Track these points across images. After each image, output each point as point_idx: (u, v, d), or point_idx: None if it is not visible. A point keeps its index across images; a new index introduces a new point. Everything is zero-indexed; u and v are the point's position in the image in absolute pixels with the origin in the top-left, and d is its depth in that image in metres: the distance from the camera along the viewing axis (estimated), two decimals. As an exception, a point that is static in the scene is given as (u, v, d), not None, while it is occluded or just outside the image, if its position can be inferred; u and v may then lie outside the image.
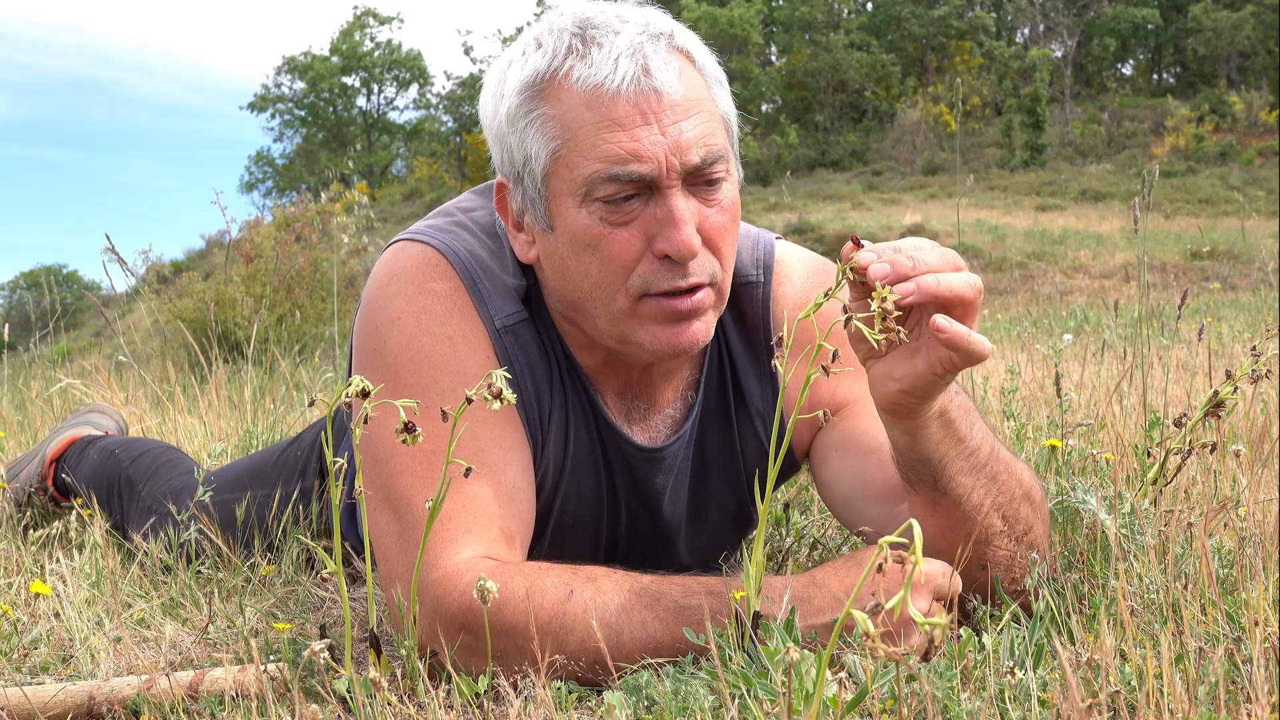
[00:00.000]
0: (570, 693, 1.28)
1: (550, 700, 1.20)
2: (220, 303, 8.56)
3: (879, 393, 1.31)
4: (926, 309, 1.24)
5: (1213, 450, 1.75)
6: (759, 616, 1.24)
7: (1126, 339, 4.59)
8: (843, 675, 1.05)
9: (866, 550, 1.40)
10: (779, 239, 1.68)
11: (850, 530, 1.63)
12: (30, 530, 2.39)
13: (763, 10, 53.06)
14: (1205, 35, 49.26)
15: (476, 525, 1.40)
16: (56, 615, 1.77)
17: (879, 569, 0.90)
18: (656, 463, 1.62)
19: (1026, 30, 56.82)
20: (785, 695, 1.07)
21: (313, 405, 1.40)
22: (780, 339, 1.20)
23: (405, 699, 1.28)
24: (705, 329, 1.46)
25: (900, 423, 1.34)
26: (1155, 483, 1.76)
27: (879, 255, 1.22)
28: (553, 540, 1.62)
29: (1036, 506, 1.45)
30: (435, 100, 63.12)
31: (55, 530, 2.27)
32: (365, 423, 1.21)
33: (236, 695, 1.34)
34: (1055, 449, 2.11)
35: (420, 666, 1.30)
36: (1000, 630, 1.30)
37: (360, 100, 63.07)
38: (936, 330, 1.21)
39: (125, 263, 3.96)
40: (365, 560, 1.42)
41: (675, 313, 1.43)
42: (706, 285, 1.43)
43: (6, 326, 4.63)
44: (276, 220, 11.27)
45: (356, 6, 63.12)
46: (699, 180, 1.41)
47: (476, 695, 1.30)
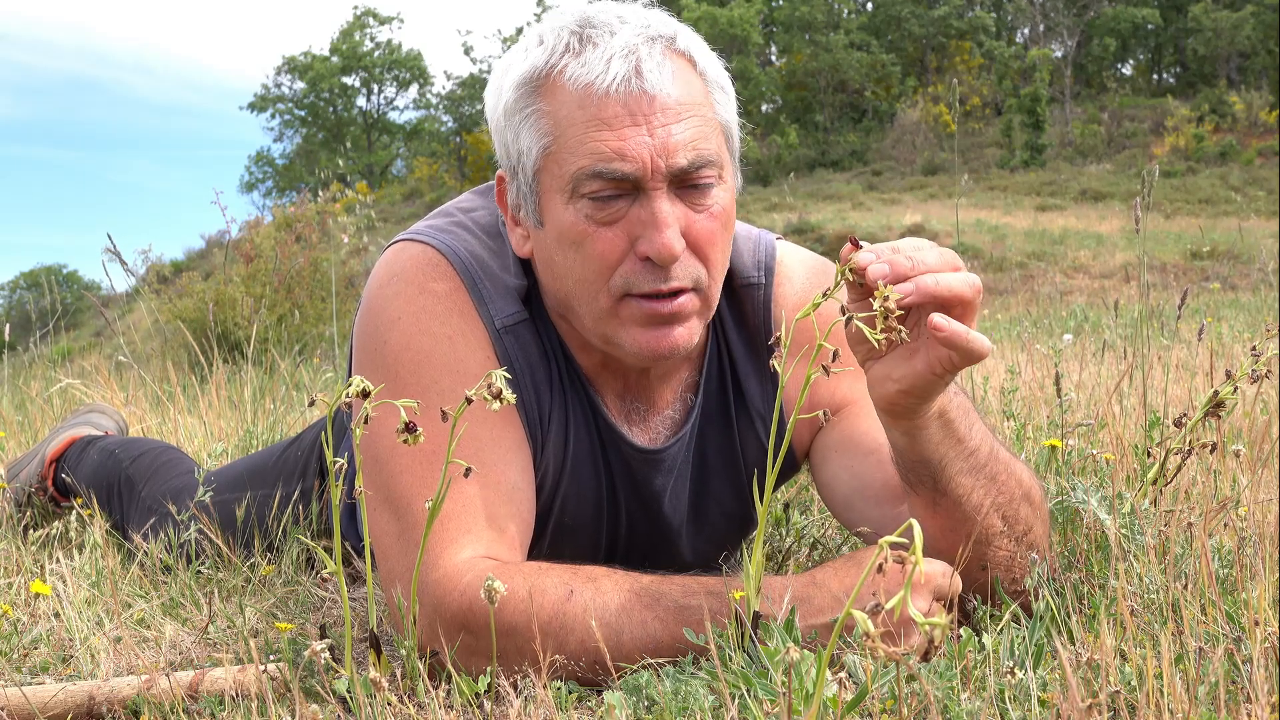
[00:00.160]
0: (570, 693, 1.29)
1: (550, 700, 1.20)
2: (220, 303, 8.56)
3: (878, 393, 1.31)
4: (925, 309, 1.24)
5: (1213, 450, 1.75)
6: (759, 616, 1.24)
7: (1126, 339, 4.58)
8: (843, 675, 1.05)
9: (866, 550, 1.40)
10: (780, 240, 1.68)
11: (850, 530, 1.63)
12: (30, 530, 2.39)
13: (763, 10, 53.05)
14: (1205, 35, 49.24)
15: (476, 525, 1.40)
16: (56, 615, 1.77)
17: (879, 569, 0.90)
18: (656, 464, 1.62)
19: (1026, 30, 56.82)
20: (785, 695, 1.07)
21: (313, 405, 1.40)
22: (778, 338, 1.20)
23: (405, 699, 1.28)
24: (688, 335, 1.45)
25: (899, 423, 1.34)
26: (1155, 483, 1.76)
27: (877, 256, 1.22)
28: (553, 540, 1.62)
29: (1036, 507, 1.45)
30: (435, 100, 63.22)
31: (55, 530, 2.27)
32: (365, 423, 1.21)
33: (236, 695, 1.34)
34: (1055, 449, 2.11)
35: (420, 666, 1.30)
36: (1000, 630, 1.30)
37: (360, 100, 63.12)
38: (935, 330, 1.21)
39: (125, 263, 3.97)
40: (365, 560, 1.42)
41: (656, 315, 1.42)
42: (690, 290, 1.42)
43: (6, 326, 4.64)
44: (276, 220, 11.27)
45: (356, 6, 63.15)
46: (686, 184, 1.40)
47: (476, 695, 1.30)
